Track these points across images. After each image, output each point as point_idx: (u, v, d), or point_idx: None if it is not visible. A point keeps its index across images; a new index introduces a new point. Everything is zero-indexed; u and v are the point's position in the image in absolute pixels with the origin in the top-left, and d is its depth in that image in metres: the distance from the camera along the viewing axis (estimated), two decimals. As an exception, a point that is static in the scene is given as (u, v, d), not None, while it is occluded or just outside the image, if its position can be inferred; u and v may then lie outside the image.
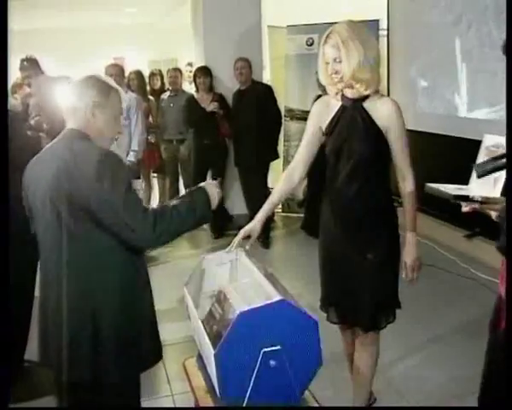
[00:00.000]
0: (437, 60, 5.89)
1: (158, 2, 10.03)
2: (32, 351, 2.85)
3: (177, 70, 7.13)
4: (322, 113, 2.55)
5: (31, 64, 4.95)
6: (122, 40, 11.60)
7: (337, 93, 2.48)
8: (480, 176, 1.72)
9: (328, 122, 2.52)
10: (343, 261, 2.53)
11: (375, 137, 2.41)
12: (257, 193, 6.11)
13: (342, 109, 2.48)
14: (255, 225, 2.45)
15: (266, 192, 6.45)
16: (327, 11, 7.02)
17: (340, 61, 2.35)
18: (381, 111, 2.40)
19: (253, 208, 6.15)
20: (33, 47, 5.84)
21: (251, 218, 2.54)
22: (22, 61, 5.01)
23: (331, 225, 2.56)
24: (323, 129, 2.54)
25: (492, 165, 1.68)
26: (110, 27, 11.67)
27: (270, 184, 6.74)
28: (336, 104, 2.51)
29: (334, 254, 2.56)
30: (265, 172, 6.27)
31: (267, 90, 6.16)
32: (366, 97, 2.42)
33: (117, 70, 5.55)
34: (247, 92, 6.08)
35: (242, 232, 2.41)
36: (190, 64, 8.07)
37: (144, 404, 2.19)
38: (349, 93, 2.45)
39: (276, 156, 6.39)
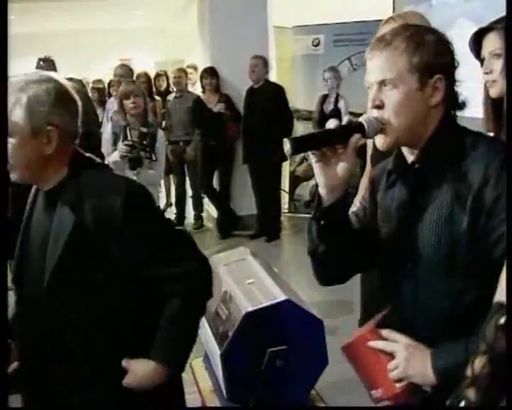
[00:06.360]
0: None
1: (165, 4, 10.05)
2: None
3: (182, 70, 7.10)
4: None
5: (47, 64, 4.89)
6: (129, 42, 11.63)
7: None
8: (294, 152, 1.32)
9: None
10: None
11: None
12: (268, 194, 6.09)
13: None
14: None
15: (278, 194, 6.39)
16: (333, 11, 7.02)
17: None
18: None
19: (264, 210, 6.17)
20: (43, 49, 5.85)
21: (259, 218, 2.44)
22: (39, 60, 4.96)
23: None
24: None
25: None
26: (117, 30, 11.71)
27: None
28: None
29: None
30: (278, 173, 6.21)
31: (279, 91, 6.12)
32: None
33: (125, 71, 5.56)
34: (258, 91, 6.04)
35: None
36: (194, 67, 8.02)
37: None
38: None
39: (286, 157, 6.37)
